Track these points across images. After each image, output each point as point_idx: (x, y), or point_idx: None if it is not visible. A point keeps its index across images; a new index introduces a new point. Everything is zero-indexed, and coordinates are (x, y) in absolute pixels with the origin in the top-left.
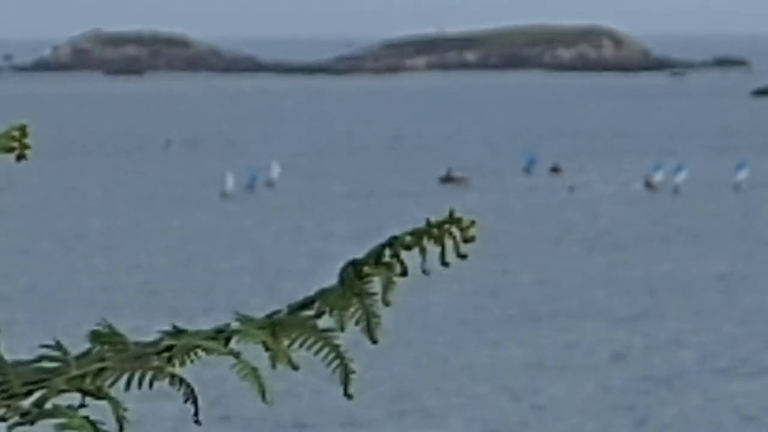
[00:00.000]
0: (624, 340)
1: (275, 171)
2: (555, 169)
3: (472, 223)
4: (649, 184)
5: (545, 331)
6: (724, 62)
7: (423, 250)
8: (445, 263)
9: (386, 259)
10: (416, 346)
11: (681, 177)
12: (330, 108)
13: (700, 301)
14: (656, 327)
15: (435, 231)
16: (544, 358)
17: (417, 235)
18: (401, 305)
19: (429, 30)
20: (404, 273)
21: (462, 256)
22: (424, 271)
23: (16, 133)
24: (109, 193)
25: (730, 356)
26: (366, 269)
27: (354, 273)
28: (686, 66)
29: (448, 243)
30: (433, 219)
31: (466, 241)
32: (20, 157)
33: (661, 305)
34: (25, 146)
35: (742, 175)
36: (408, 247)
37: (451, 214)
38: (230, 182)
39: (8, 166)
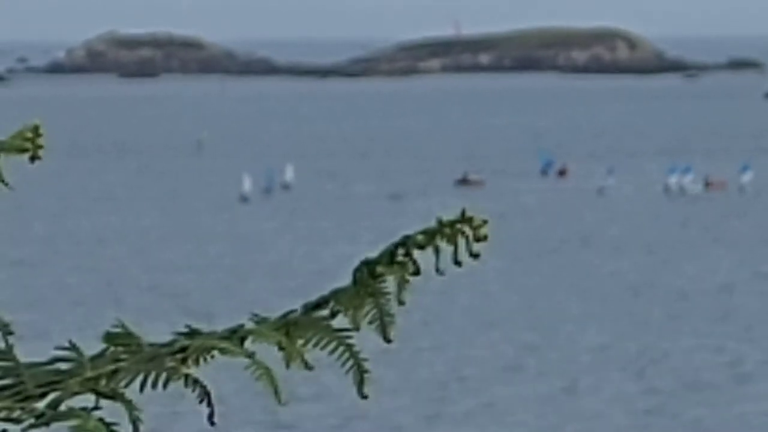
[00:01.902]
0: (656, 342)
1: (289, 173)
2: (562, 172)
3: (484, 222)
4: (667, 188)
5: (576, 333)
6: (738, 64)
7: (436, 250)
8: (457, 262)
9: (399, 258)
10: (442, 347)
11: (688, 179)
12: (344, 110)
13: (728, 304)
14: (686, 330)
15: (447, 230)
16: (575, 360)
17: (429, 234)
18: (425, 307)
19: (446, 31)
20: (417, 272)
21: (474, 255)
22: (438, 271)
23: (29, 134)
24: (124, 196)
25: (760, 359)
26: (379, 269)
27: (367, 272)
28: (700, 68)
29: (461, 242)
30: (445, 218)
31: (478, 240)
32: (33, 158)
33: (691, 308)
34: (38, 147)
35: (747, 177)
36: (421, 247)
37: (463, 213)
38: (248, 185)
39: (17, 167)
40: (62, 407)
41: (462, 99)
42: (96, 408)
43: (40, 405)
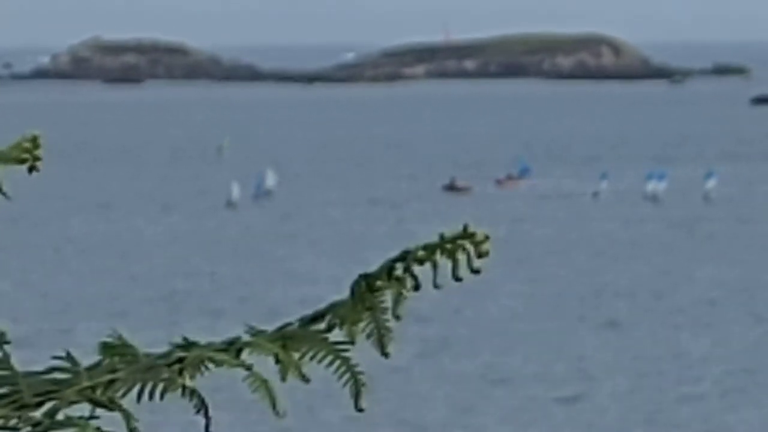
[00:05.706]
0: (664, 349)
1: (271, 179)
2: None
3: (486, 237)
4: (646, 194)
5: (595, 337)
6: (723, 70)
7: (435, 265)
8: (458, 278)
9: (398, 273)
10: (441, 357)
11: (662, 185)
12: (330, 116)
13: (724, 311)
14: (690, 337)
15: (448, 246)
16: (583, 367)
17: (430, 249)
18: (422, 316)
19: (432, 36)
20: (416, 287)
21: (475, 272)
22: (436, 286)
23: (28, 144)
24: (109, 202)
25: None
26: (378, 283)
27: (366, 286)
28: (685, 74)
29: (461, 258)
30: (447, 233)
31: (479, 256)
32: (32, 169)
33: (693, 315)
34: (37, 158)
35: (711, 184)
36: (420, 262)
37: (465, 228)
38: (235, 191)
39: (18, 173)
40: (59, 416)
41: (447, 105)
42: (93, 417)
43: (37, 414)
